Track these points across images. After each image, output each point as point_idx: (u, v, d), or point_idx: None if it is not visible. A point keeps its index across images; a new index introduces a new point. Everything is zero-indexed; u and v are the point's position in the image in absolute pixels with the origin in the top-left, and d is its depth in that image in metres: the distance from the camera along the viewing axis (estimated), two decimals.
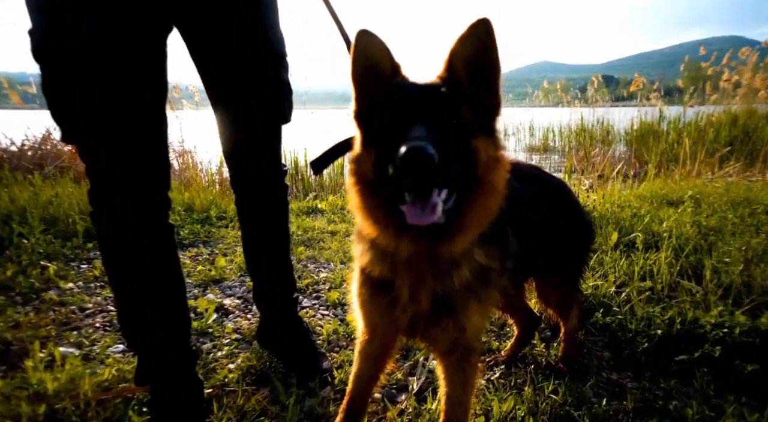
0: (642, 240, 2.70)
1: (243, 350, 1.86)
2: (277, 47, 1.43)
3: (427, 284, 1.07)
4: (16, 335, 1.85)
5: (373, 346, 1.29)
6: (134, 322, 1.37)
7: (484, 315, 1.17)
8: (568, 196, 1.60)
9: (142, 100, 1.20)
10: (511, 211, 1.08)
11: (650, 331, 1.89)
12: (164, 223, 1.36)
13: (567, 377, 1.66)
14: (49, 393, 1.39)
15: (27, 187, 4.04)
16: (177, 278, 1.42)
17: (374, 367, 1.33)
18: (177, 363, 1.39)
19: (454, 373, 1.19)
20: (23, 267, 2.58)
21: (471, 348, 1.17)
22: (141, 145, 1.23)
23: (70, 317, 2.11)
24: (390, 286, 1.10)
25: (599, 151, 7.51)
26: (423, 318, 1.11)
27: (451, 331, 1.12)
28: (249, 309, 2.30)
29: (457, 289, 1.08)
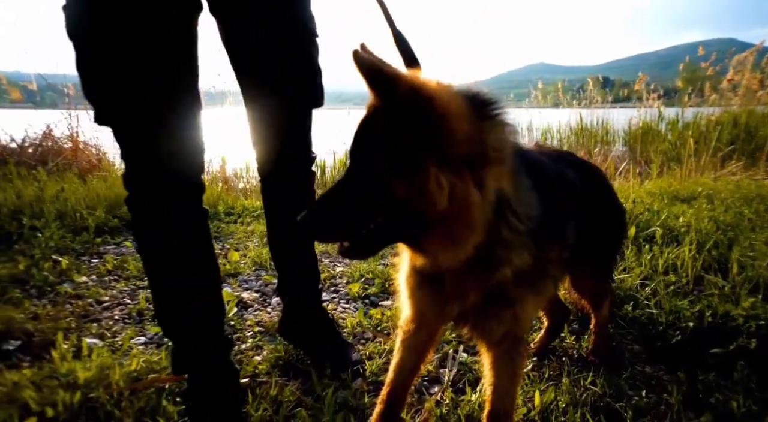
0: (661, 234, 2.69)
1: (268, 342, 1.83)
2: (306, 23, 1.38)
3: (470, 282, 1.04)
4: (37, 327, 1.80)
5: (419, 336, 1.26)
6: (170, 309, 1.33)
7: (538, 305, 1.15)
8: (604, 181, 1.58)
9: (176, 79, 1.17)
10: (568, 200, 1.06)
11: (681, 324, 1.87)
12: (198, 207, 1.33)
13: (600, 369, 1.64)
14: (80, 383, 1.35)
15: (32, 182, 3.98)
16: (211, 263, 1.38)
17: (417, 357, 1.30)
18: (213, 350, 1.37)
19: (503, 364, 1.16)
20: (35, 261, 2.53)
21: (520, 339, 1.14)
22: (176, 127, 1.19)
23: (88, 310, 2.07)
24: (439, 277, 1.07)
25: (600, 150, 7.52)
26: (475, 309, 1.08)
27: (507, 322, 1.10)
28: (267, 302, 2.27)
29: (510, 281, 1.04)
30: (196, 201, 1.32)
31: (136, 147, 1.19)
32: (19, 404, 1.24)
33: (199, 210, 1.34)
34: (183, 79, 1.20)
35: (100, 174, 5.00)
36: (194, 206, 1.32)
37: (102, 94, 1.14)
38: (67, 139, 6.01)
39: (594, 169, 1.59)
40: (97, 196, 3.67)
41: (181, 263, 1.30)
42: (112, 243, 3.08)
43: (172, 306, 1.33)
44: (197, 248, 1.33)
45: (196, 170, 1.30)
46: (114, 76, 1.10)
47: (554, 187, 1.16)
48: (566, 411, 1.39)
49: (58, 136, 6.03)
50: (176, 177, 1.24)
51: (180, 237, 1.28)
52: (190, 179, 1.28)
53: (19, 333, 1.77)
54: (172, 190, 1.24)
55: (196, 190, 1.31)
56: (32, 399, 1.25)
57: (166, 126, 1.18)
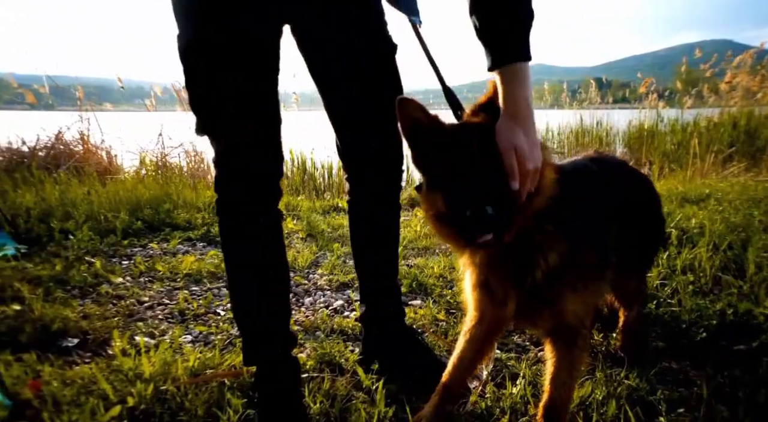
0: (676, 236, 2.78)
1: (308, 340, 1.90)
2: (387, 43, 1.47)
3: (510, 282, 1.19)
4: (90, 325, 1.88)
5: (480, 328, 1.36)
6: (248, 306, 1.43)
7: (583, 303, 1.23)
8: (652, 190, 1.67)
9: (264, 98, 1.31)
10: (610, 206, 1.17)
11: (704, 322, 1.95)
12: (275, 210, 1.45)
13: (628, 365, 1.72)
14: (146, 377, 1.43)
15: (53, 185, 4.04)
16: (283, 262, 1.50)
17: (477, 351, 1.39)
18: (281, 345, 1.45)
19: (561, 355, 1.25)
20: (70, 263, 2.60)
21: (576, 331, 1.23)
22: (263, 139, 1.33)
23: (132, 309, 2.14)
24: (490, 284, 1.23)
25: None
26: (522, 307, 1.20)
27: (548, 319, 1.22)
28: (301, 302, 2.35)
29: (544, 283, 1.16)
30: (274, 204, 1.44)
31: (228, 156, 1.32)
32: (98, 395, 1.31)
33: (276, 211, 1.46)
34: (270, 97, 1.33)
35: (118, 176, 5.07)
36: (272, 209, 1.44)
37: (204, 110, 1.30)
38: (77, 142, 6.08)
39: (643, 179, 1.68)
40: (119, 198, 3.74)
41: (257, 261, 1.41)
42: (139, 246, 3.15)
43: (245, 301, 1.44)
44: (272, 247, 1.45)
45: (277, 176, 1.42)
46: (214, 97, 1.27)
47: (593, 193, 1.27)
48: (604, 403, 1.48)
49: (69, 139, 6.10)
50: (260, 183, 1.37)
51: (258, 236, 1.40)
52: (271, 185, 1.40)
53: (76, 331, 1.85)
54: (255, 194, 1.37)
55: (274, 194, 1.43)
56: (112, 392, 1.33)
57: (255, 139, 1.32)
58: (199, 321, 2.07)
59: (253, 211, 1.38)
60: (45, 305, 2.01)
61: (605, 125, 9.72)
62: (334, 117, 1.54)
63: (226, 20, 1.21)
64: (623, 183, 1.51)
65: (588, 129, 9.84)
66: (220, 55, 1.22)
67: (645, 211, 1.58)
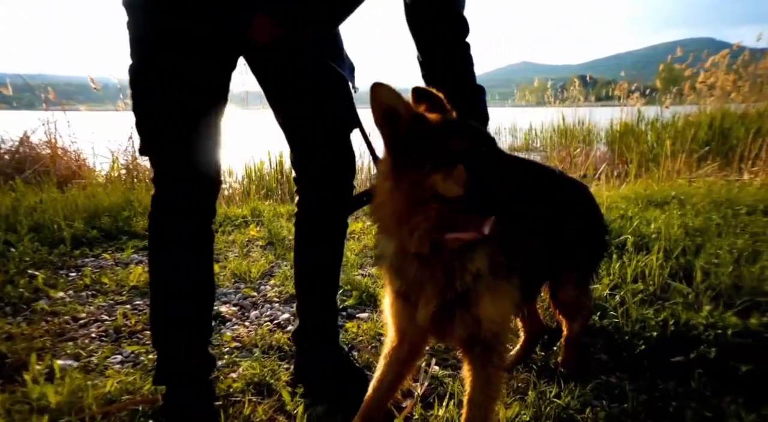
0: (632, 242, 2.77)
1: (243, 358, 1.85)
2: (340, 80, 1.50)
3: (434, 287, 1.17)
4: (11, 347, 1.80)
5: (401, 351, 1.34)
6: (167, 321, 1.43)
7: (500, 308, 1.22)
8: (587, 199, 1.64)
9: (205, 127, 1.34)
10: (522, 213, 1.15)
11: (645, 333, 1.94)
12: (208, 230, 1.46)
13: (569, 381, 1.70)
14: (52, 407, 1.37)
15: (8, 193, 3.94)
16: (208, 281, 1.50)
17: (398, 373, 1.37)
18: (197, 365, 1.43)
19: (476, 372, 1.23)
20: (10, 277, 2.52)
21: (491, 348, 1.22)
22: (200, 165, 1.35)
23: (64, 327, 2.07)
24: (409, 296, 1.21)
25: (581, 150, 7.65)
26: (440, 312, 1.18)
27: (466, 324, 1.19)
28: (246, 316, 2.29)
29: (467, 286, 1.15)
30: (206, 224, 1.46)
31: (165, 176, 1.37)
32: None
33: (208, 232, 1.47)
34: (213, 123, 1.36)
35: (79, 181, 4.96)
36: (204, 229, 1.46)
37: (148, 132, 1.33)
38: (45, 145, 5.93)
39: (579, 186, 1.66)
40: (76, 206, 3.65)
41: (183, 278, 1.42)
42: (91, 256, 3.07)
43: (167, 319, 1.43)
44: (200, 266, 1.46)
45: (212, 197, 1.45)
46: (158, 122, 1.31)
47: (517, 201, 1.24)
48: None
49: (35, 142, 5.95)
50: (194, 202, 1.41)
51: (187, 253, 1.42)
52: (205, 205, 1.44)
53: None
54: (189, 212, 1.40)
55: (208, 214, 1.46)
56: None
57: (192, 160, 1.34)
58: (134, 339, 2.00)
59: (184, 230, 1.40)
60: None
61: (587, 124, 9.76)
62: (285, 131, 1.58)
63: (175, 54, 1.24)
64: (549, 192, 1.48)
65: (570, 127, 9.87)
66: (164, 86, 1.26)
67: (577, 221, 1.55)
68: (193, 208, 1.40)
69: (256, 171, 6.02)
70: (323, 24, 1.41)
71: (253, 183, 5.95)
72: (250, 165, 5.95)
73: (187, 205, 1.39)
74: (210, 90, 1.33)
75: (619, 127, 8.56)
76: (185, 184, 1.36)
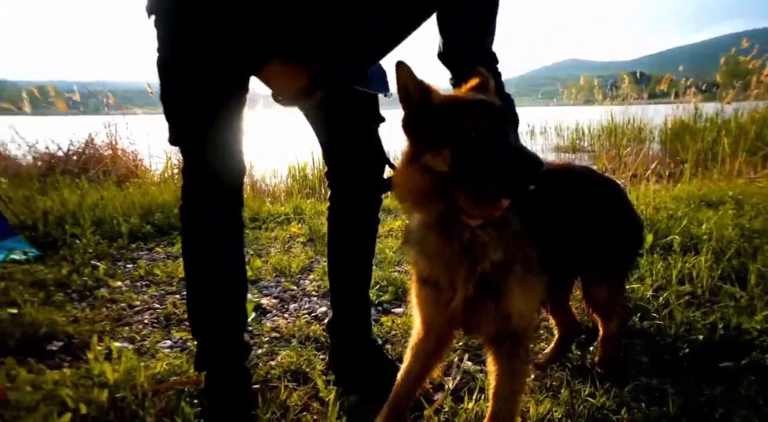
0: (679, 242, 2.65)
1: (282, 348, 1.93)
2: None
3: (458, 272, 1.17)
4: (76, 329, 1.98)
5: (427, 342, 1.36)
6: (202, 310, 1.49)
7: (528, 302, 1.23)
8: (619, 196, 1.61)
9: (228, 117, 1.38)
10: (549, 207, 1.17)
11: (690, 337, 1.86)
12: (238, 220, 1.51)
13: (605, 381, 1.66)
14: (110, 383, 1.49)
15: (75, 190, 4.26)
16: (242, 272, 1.55)
17: (425, 365, 1.39)
18: (232, 352, 1.49)
19: (503, 367, 1.24)
20: (76, 267, 2.74)
21: (519, 341, 1.23)
22: (226, 156, 1.40)
23: (121, 313, 2.24)
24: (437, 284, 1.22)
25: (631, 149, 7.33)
26: (469, 306, 1.19)
27: (495, 315, 1.20)
28: (285, 308, 2.38)
29: (492, 277, 1.16)
30: (236, 214, 1.50)
31: (196, 167, 1.41)
32: (58, 401, 1.38)
33: (239, 222, 1.51)
34: (236, 119, 1.40)
35: (136, 180, 5.28)
36: (234, 219, 1.49)
37: (177, 122, 1.38)
38: (107, 147, 6.37)
39: (610, 183, 1.62)
40: (133, 203, 3.90)
41: (215, 269, 1.47)
42: (145, 249, 3.28)
43: (202, 309, 1.49)
44: (232, 257, 1.51)
45: (238, 188, 1.49)
46: (188, 113, 1.36)
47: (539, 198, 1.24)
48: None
49: (99, 144, 6.40)
50: (223, 193, 1.44)
51: (219, 245, 1.46)
52: (232, 195, 1.47)
53: (61, 335, 1.95)
54: (218, 203, 1.44)
55: (236, 204, 1.49)
56: (69, 397, 1.40)
57: (218, 153, 1.39)
58: (182, 326, 2.13)
59: (215, 221, 1.44)
60: (40, 309, 2.12)
61: (639, 122, 9.32)
62: (315, 130, 1.63)
63: (194, 55, 1.28)
64: (578, 190, 1.47)
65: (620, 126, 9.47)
66: (192, 77, 1.30)
67: (607, 218, 1.52)
68: (219, 200, 1.43)
69: (300, 170, 6.19)
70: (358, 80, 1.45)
71: (296, 182, 6.12)
72: (294, 165, 6.12)
73: (213, 196, 1.42)
74: (228, 89, 1.36)
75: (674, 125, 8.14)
76: (211, 175, 1.39)
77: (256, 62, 1.34)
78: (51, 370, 1.66)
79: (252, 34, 1.27)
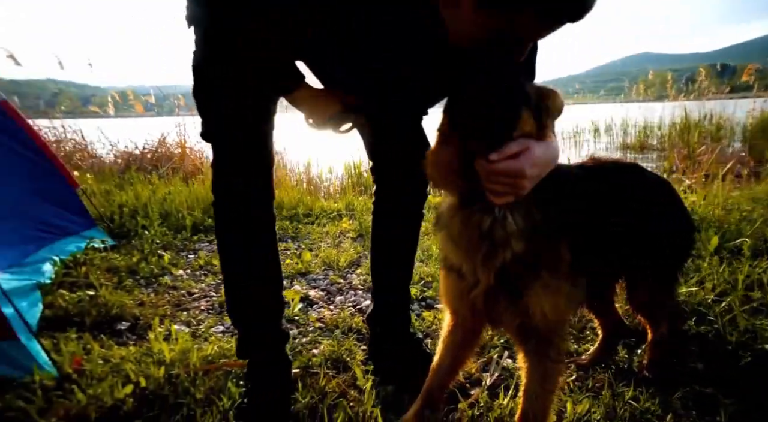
0: (750, 245, 2.46)
1: (325, 337, 2.01)
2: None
3: (479, 259, 1.14)
4: (142, 312, 2.18)
5: (456, 335, 1.37)
6: (239, 301, 1.55)
7: (555, 303, 1.17)
8: (666, 195, 1.53)
9: (258, 116, 1.41)
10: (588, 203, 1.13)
11: (755, 345, 1.73)
12: (269, 212, 1.53)
13: (651, 386, 1.59)
14: (167, 361, 1.63)
15: (147, 185, 4.62)
16: (276, 263, 1.58)
17: (455, 357, 1.40)
18: (270, 339, 1.56)
19: (532, 365, 1.23)
20: (145, 255, 2.98)
21: (548, 340, 1.20)
22: (254, 151, 1.43)
23: (181, 299, 2.42)
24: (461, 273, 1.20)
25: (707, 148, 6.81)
26: (492, 300, 1.18)
27: (515, 311, 1.17)
28: (332, 300, 2.46)
29: (513, 270, 1.13)
30: (267, 206, 1.52)
31: (225, 163, 1.43)
32: (123, 374, 1.53)
33: (270, 214, 1.54)
34: (264, 115, 1.42)
35: (201, 177, 5.63)
36: (266, 211, 1.52)
37: (209, 117, 1.42)
38: (176, 145, 6.84)
39: (658, 182, 1.55)
40: (197, 198, 4.17)
41: (250, 260, 1.50)
42: (206, 241, 3.51)
43: (239, 298, 1.55)
44: (265, 248, 1.54)
45: (269, 181, 1.51)
46: (217, 113, 1.39)
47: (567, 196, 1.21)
48: None
49: (170, 143, 6.90)
50: (253, 187, 1.47)
51: (252, 237, 1.50)
52: (264, 189, 1.50)
53: (129, 316, 2.15)
54: (248, 197, 1.46)
55: (268, 197, 1.51)
56: (132, 371, 1.55)
57: (247, 150, 1.42)
58: None
59: (245, 214, 1.47)
60: (113, 292, 2.35)
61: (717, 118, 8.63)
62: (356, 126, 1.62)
63: (236, 49, 1.30)
64: (621, 187, 1.41)
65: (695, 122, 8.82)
66: (223, 78, 1.34)
67: (654, 218, 1.45)
68: (249, 194, 1.45)
69: (355, 168, 6.32)
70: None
71: (351, 179, 6.26)
72: (349, 163, 6.26)
73: (242, 191, 1.43)
74: (254, 90, 1.37)
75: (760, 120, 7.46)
76: (239, 171, 1.41)
77: (283, 87, 1.37)
78: (119, 347, 1.84)
79: (252, 35, 1.27)
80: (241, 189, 1.44)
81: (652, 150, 9.40)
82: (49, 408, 1.40)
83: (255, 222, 1.49)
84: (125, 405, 1.42)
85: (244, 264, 1.51)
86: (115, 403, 1.42)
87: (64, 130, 7.28)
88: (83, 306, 2.19)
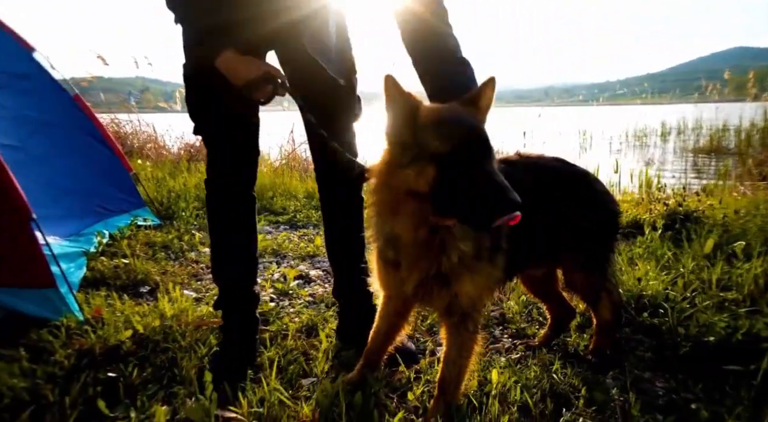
0: (742, 248, 2.41)
1: (311, 309, 2.27)
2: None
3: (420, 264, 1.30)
4: (163, 279, 2.56)
5: (389, 307, 1.56)
6: (218, 262, 1.85)
7: (477, 285, 1.34)
8: (589, 185, 1.64)
9: (243, 118, 1.71)
10: None
11: (703, 338, 1.78)
12: (250, 194, 1.83)
13: (588, 366, 1.71)
14: (167, 316, 1.96)
15: (196, 173, 5.14)
16: (252, 236, 1.86)
17: (390, 325, 1.59)
18: (242, 299, 1.83)
19: (452, 336, 1.39)
20: (180, 234, 3.41)
21: (468, 315, 1.36)
22: (239, 147, 1.75)
23: (199, 271, 2.79)
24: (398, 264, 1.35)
25: None
26: (422, 287, 1.34)
27: (444, 297, 1.34)
28: (328, 279, 2.72)
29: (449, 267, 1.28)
30: (249, 189, 1.82)
31: (216, 154, 1.75)
32: (131, 326, 1.88)
33: (250, 196, 1.83)
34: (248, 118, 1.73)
35: None
36: (247, 193, 1.82)
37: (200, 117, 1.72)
38: None
39: (580, 174, 1.66)
40: None
41: (230, 232, 1.81)
42: None
43: (218, 261, 1.85)
44: (245, 223, 1.83)
45: (252, 171, 1.82)
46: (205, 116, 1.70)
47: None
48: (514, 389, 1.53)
49: None
50: (239, 175, 1.78)
51: (234, 215, 1.80)
52: (245, 177, 1.81)
53: (151, 282, 2.54)
54: (235, 182, 1.78)
55: (249, 182, 1.82)
56: (135, 322, 1.89)
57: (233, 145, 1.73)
58: None
59: (232, 198, 1.79)
60: (144, 262, 2.76)
61: None
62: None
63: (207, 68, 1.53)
64: (543, 181, 1.53)
65: None
66: (209, 87, 1.61)
67: (579, 208, 1.57)
68: (234, 186, 1.76)
69: None
70: None
71: None
72: None
73: (229, 183, 1.74)
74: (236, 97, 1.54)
75: None
76: (229, 163, 1.72)
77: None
78: (135, 305, 2.21)
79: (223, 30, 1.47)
80: (225, 184, 1.76)
81: (726, 153, 8.84)
82: (68, 343, 1.78)
83: (239, 206, 1.80)
84: (124, 345, 1.76)
85: (224, 238, 1.82)
86: (117, 343, 1.76)
87: (139, 123, 8.14)
88: (116, 271, 2.61)
